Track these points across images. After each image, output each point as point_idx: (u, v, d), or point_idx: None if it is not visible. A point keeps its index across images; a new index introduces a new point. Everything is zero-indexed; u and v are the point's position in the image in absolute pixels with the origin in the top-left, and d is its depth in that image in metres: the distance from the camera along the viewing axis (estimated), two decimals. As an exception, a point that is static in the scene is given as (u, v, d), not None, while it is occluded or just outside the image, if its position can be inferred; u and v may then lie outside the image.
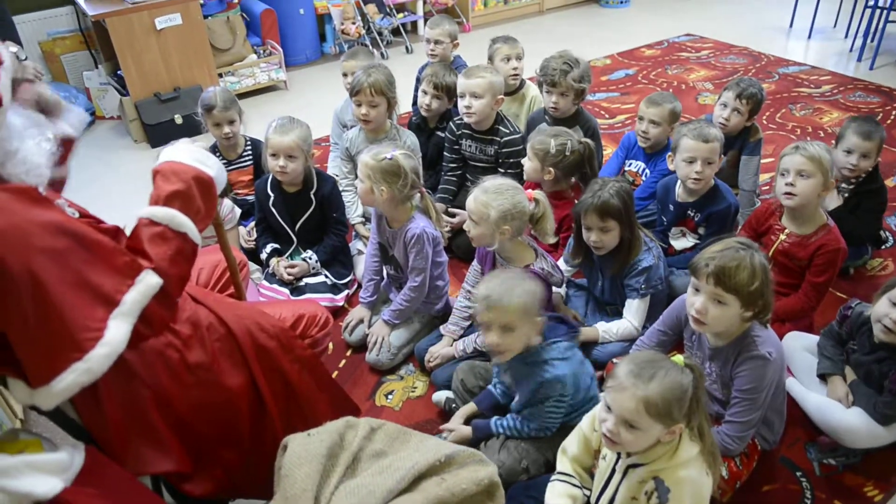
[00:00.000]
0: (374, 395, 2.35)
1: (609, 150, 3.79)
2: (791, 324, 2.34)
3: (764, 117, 4.17)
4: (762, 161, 3.54)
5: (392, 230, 2.40)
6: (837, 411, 2.01)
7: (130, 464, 1.47)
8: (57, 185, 1.49)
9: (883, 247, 2.92)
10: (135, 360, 1.44)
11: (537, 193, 2.17)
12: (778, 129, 4.05)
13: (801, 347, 2.21)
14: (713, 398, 1.96)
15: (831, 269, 2.26)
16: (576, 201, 2.54)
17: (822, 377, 2.11)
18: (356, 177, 2.95)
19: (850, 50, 5.18)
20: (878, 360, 1.97)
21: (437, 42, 3.42)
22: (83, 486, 1.29)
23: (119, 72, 4.14)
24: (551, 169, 2.53)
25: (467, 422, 2.07)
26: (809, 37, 5.51)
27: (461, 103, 2.82)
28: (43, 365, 1.23)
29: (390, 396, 2.35)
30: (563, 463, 1.82)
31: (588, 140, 2.58)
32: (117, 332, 1.31)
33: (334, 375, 2.44)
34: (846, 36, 5.40)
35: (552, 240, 2.24)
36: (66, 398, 1.27)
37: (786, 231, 2.33)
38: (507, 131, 2.89)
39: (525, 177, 2.62)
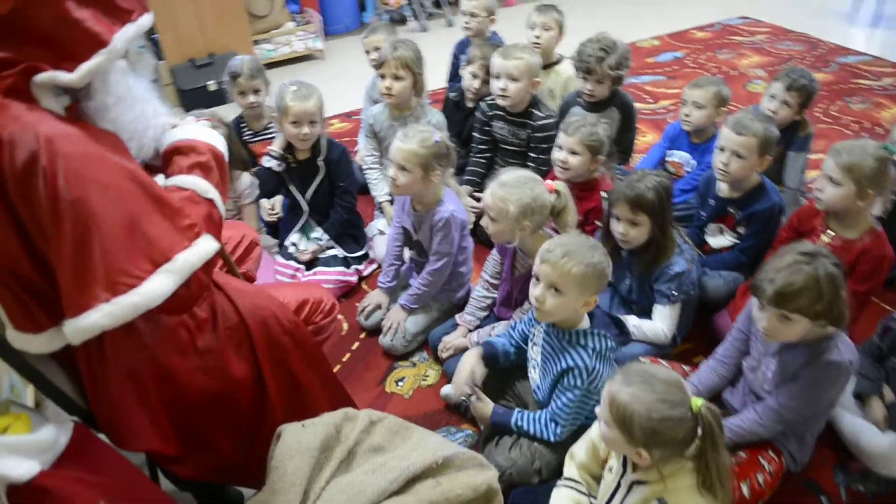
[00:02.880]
0: (385, 381, 2.30)
1: (649, 138, 3.65)
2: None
3: (817, 110, 3.94)
4: (811, 157, 3.38)
5: (418, 213, 2.32)
6: (872, 434, 1.88)
7: (117, 436, 1.46)
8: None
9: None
10: (147, 331, 1.41)
11: (558, 185, 2.05)
12: (832, 122, 3.83)
13: None
14: (756, 397, 1.85)
15: (875, 278, 2.11)
16: (602, 193, 2.43)
17: (859, 397, 1.98)
18: (381, 154, 2.90)
19: (918, 40, 4.87)
20: None
21: (472, 15, 3.29)
22: (63, 468, 1.26)
23: (154, 35, 4.12)
24: (600, 157, 2.41)
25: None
26: (874, 24, 5.19)
27: (495, 84, 2.68)
28: (75, 296, 1.22)
29: (401, 383, 2.29)
30: (570, 468, 1.74)
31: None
32: (158, 286, 1.28)
33: (346, 357, 2.40)
34: (915, 25, 5.07)
35: (574, 232, 2.12)
36: (90, 337, 1.26)
37: (829, 233, 2.18)
38: (542, 115, 2.76)
39: (570, 175, 2.43)
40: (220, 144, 1.57)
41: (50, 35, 1.19)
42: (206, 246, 1.36)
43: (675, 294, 2.16)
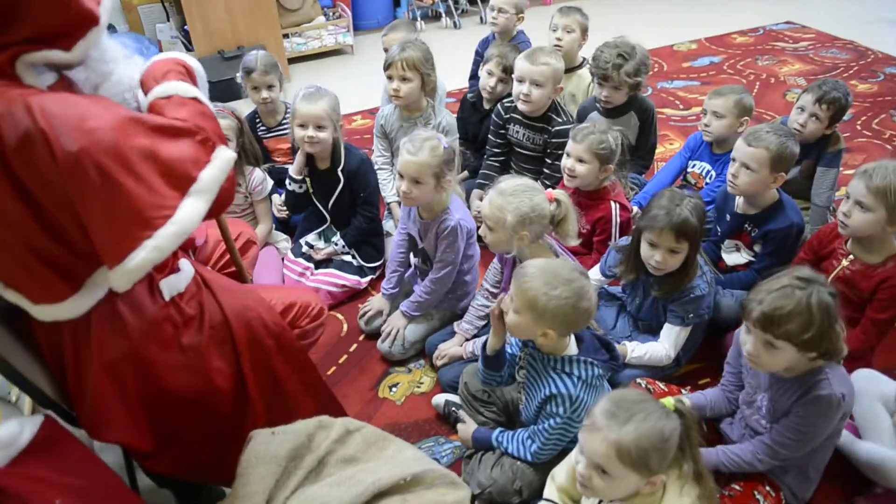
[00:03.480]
0: (379, 386, 2.26)
1: (677, 146, 3.53)
2: (846, 363, 2.07)
3: (859, 123, 3.77)
4: (845, 172, 3.23)
5: (424, 221, 2.27)
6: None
7: (92, 425, 1.46)
8: None
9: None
10: (133, 322, 1.42)
11: (558, 193, 1.97)
12: (873, 136, 3.65)
13: (876, 395, 1.91)
14: (754, 432, 1.76)
15: (896, 307, 1.99)
16: (612, 202, 2.35)
17: None
18: (392, 155, 2.86)
19: (975, 52, 4.61)
20: None
21: (500, 11, 3.23)
22: (21, 466, 1.25)
23: (186, 27, 4.16)
24: (609, 167, 2.33)
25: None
26: (929, 34, 4.94)
27: (518, 88, 2.60)
28: (115, 244, 1.23)
29: (395, 389, 2.25)
30: (550, 489, 1.70)
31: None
32: (192, 210, 1.30)
33: (343, 359, 2.37)
34: (972, 36, 4.81)
35: (574, 242, 2.04)
36: (140, 276, 1.28)
37: (850, 257, 2.06)
38: (561, 120, 2.68)
39: (578, 183, 2.37)
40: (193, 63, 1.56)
41: (45, 18, 1.19)
42: (224, 156, 1.37)
43: (691, 317, 2.08)
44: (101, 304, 1.39)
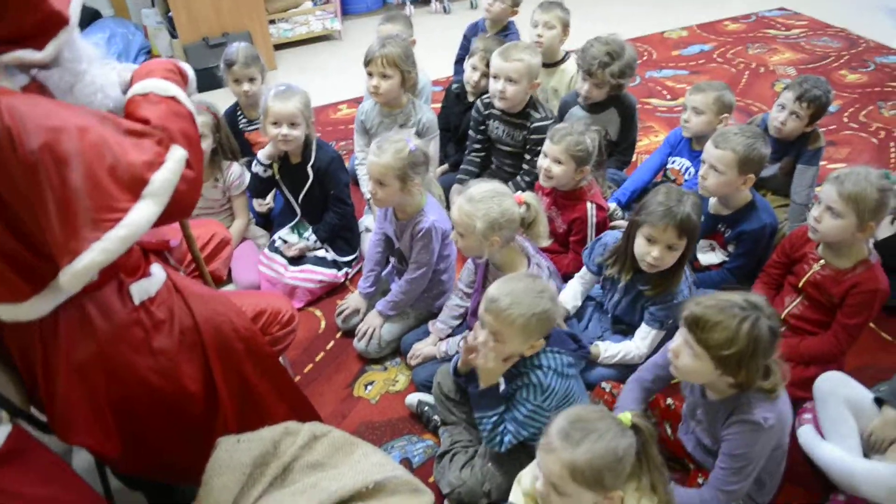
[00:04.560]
0: (354, 384, 2.29)
1: (661, 138, 3.51)
2: (816, 367, 2.09)
3: (846, 115, 3.75)
4: (828, 166, 3.23)
5: (400, 221, 2.28)
6: (858, 463, 1.79)
7: (59, 428, 1.48)
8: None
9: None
10: (102, 326, 1.43)
11: (527, 196, 1.98)
12: (859, 129, 3.63)
13: (841, 398, 1.91)
14: (703, 448, 1.79)
15: (866, 312, 2.00)
16: (589, 203, 2.35)
17: (879, 401, 1.88)
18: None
19: (967, 42, 4.57)
20: None
21: None
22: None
23: (170, 13, 4.12)
24: (585, 168, 2.33)
25: None
26: (922, 22, 4.90)
27: (494, 85, 2.60)
28: (66, 244, 1.22)
29: (370, 387, 2.27)
30: (516, 493, 1.72)
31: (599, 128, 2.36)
32: (141, 213, 1.28)
33: (320, 357, 2.39)
34: (965, 24, 4.76)
35: (545, 243, 2.04)
36: (87, 278, 1.26)
37: (821, 262, 2.07)
38: (539, 116, 2.67)
39: (553, 183, 2.37)
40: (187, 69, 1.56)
41: (16, 18, 1.19)
42: (175, 156, 1.35)
43: (670, 322, 2.09)
44: (70, 308, 1.40)
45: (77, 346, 1.41)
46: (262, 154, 2.51)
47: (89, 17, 4.41)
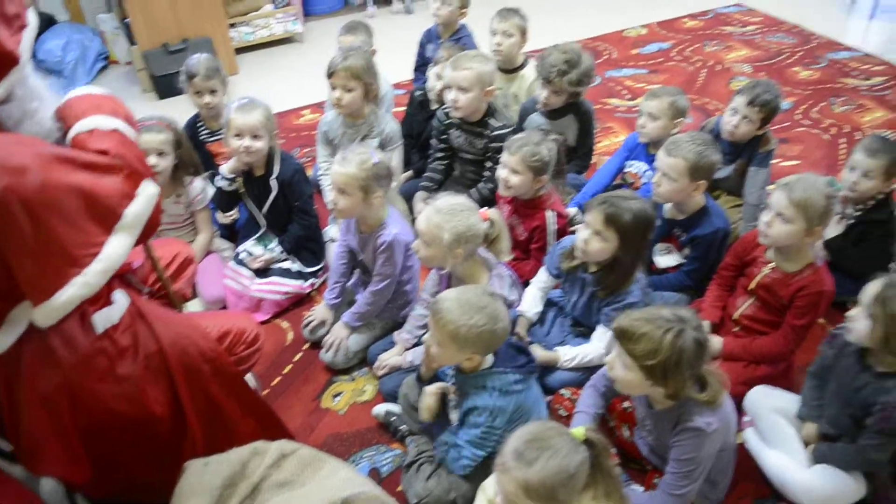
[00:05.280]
0: (322, 396, 2.32)
1: (622, 138, 3.58)
2: (767, 366, 2.18)
3: (798, 112, 3.86)
4: (782, 164, 3.33)
5: (362, 235, 2.31)
6: (795, 472, 1.88)
7: (27, 459, 1.49)
8: None
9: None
10: (65, 355, 1.44)
11: (492, 213, 2.03)
12: (811, 126, 3.74)
13: (770, 407, 2.02)
14: (655, 454, 1.86)
15: (812, 313, 2.09)
16: (548, 210, 2.40)
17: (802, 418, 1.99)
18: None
19: (914, 36, 4.72)
20: (858, 389, 1.79)
21: (444, 2, 3.24)
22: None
23: (126, 19, 4.07)
24: (543, 177, 2.38)
25: None
26: (872, 16, 5.02)
27: (447, 96, 2.65)
28: (43, 280, 1.26)
29: (338, 398, 2.31)
30: (480, 502, 1.77)
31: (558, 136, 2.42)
32: (117, 246, 1.35)
33: (287, 369, 2.42)
34: (913, 19, 4.90)
35: (507, 258, 2.11)
36: (67, 312, 1.33)
37: (770, 265, 2.15)
38: (497, 125, 2.72)
39: (513, 193, 2.41)
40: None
41: None
42: (148, 192, 1.42)
43: None
44: (33, 340, 1.41)
45: (41, 377, 1.42)
46: (225, 168, 2.52)
47: (44, 23, 4.32)
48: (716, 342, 2.19)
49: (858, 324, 1.72)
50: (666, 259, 2.50)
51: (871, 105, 3.92)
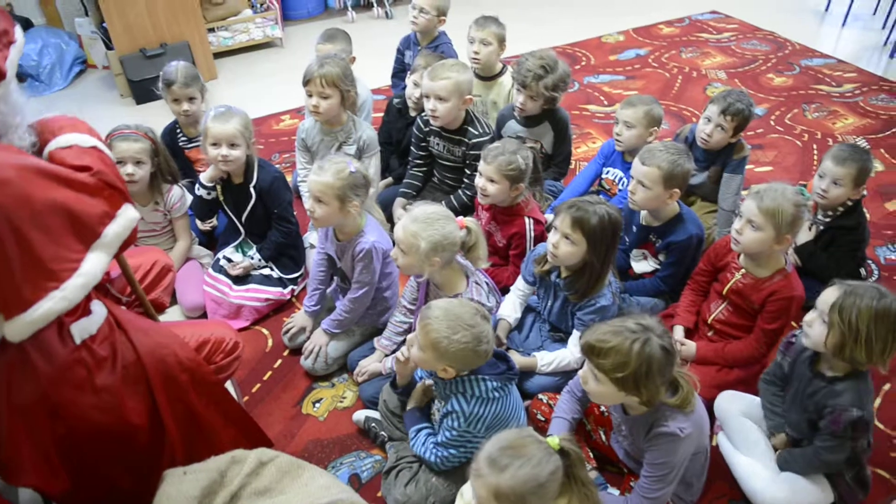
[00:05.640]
0: (303, 402, 2.32)
1: (599, 144, 3.63)
2: (740, 370, 2.22)
3: (772, 118, 3.93)
4: (756, 170, 3.40)
5: (340, 243, 2.32)
6: (762, 479, 1.92)
7: (4, 470, 1.49)
8: None
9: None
10: (43, 366, 1.44)
11: (469, 221, 2.06)
12: (785, 132, 3.81)
13: (737, 412, 2.06)
14: (631, 458, 1.89)
15: (783, 318, 2.14)
16: (526, 217, 2.43)
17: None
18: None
19: (885, 44, 4.82)
20: (812, 394, 1.84)
21: (421, 11, 3.25)
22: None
23: (104, 24, 4.04)
24: (520, 185, 2.41)
25: None
26: (844, 24, 5.13)
27: (426, 105, 2.67)
28: (19, 294, 1.27)
29: (318, 405, 2.32)
30: (459, 507, 1.78)
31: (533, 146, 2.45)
32: (95, 262, 1.37)
33: (268, 376, 2.42)
34: (883, 27, 5.00)
35: (484, 265, 2.13)
36: (41, 326, 1.33)
37: (742, 271, 2.20)
38: (477, 132, 2.74)
39: (490, 201, 2.44)
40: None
41: None
42: (128, 216, 1.46)
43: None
44: (11, 352, 1.40)
45: (19, 389, 1.42)
46: (204, 177, 2.52)
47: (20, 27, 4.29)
48: (689, 347, 2.24)
49: (814, 329, 1.77)
50: (642, 265, 2.54)
51: (842, 112, 4.00)
